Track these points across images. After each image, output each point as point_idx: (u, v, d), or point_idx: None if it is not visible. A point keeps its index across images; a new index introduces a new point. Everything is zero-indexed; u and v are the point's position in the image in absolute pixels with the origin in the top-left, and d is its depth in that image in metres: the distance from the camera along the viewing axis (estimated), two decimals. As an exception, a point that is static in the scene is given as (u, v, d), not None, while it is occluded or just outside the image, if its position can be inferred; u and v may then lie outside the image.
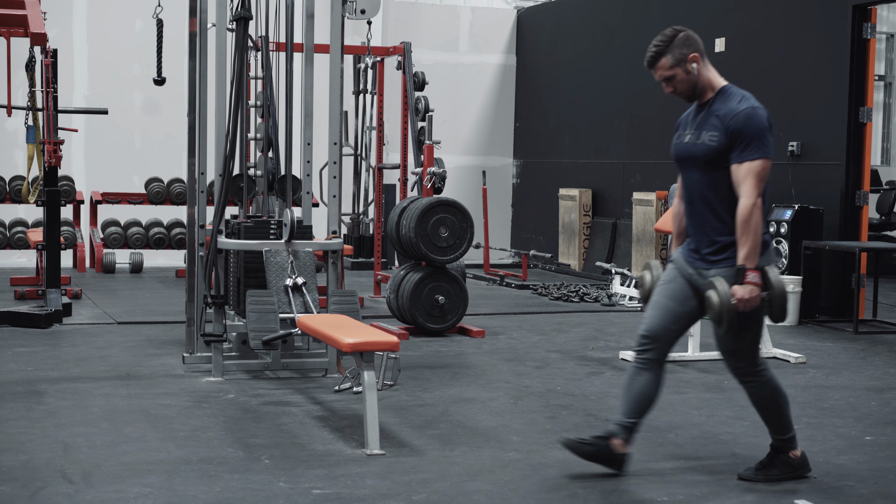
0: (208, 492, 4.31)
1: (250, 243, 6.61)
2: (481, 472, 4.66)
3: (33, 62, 9.00)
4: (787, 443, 4.58)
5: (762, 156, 4.24)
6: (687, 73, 4.38)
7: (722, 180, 4.32)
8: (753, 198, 4.22)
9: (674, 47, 4.37)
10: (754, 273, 4.24)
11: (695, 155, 4.39)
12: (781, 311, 4.31)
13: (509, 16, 14.96)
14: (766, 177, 4.27)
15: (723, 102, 4.35)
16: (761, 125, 4.26)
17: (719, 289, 4.26)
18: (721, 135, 4.29)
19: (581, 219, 12.99)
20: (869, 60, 9.49)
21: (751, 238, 4.22)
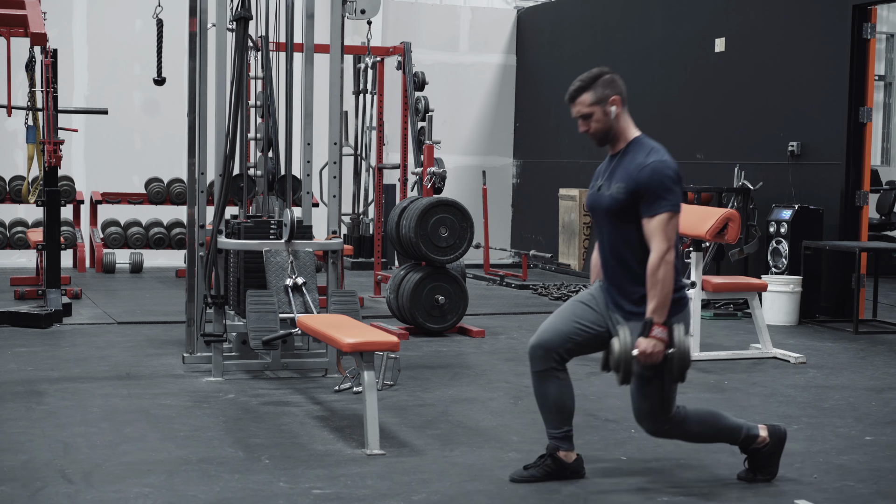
0: (208, 492, 4.31)
1: (250, 243, 6.61)
2: (481, 472, 4.66)
3: (33, 62, 9.00)
4: (749, 441, 4.52)
5: (669, 209, 4.19)
6: (605, 114, 4.34)
7: (632, 233, 4.29)
8: (661, 252, 4.17)
9: (597, 86, 4.34)
10: (660, 328, 4.17)
11: (604, 207, 4.36)
12: (681, 373, 4.22)
13: (509, 16, 14.96)
14: (675, 229, 4.22)
15: (633, 155, 4.31)
16: (668, 178, 4.21)
17: (622, 338, 4.21)
18: (628, 188, 4.25)
19: (581, 219, 12.99)
20: (869, 60, 9.49)
21: (659, 292, 4.17)
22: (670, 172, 4.22)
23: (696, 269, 7.48)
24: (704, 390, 6.50)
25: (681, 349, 4.19)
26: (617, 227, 4.33)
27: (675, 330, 4.21)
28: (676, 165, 4.28)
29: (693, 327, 7.39)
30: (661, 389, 4.29)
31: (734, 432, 4.50)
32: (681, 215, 4.33)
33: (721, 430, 4.49)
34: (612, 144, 4.41)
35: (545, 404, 4.53)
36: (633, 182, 4.24)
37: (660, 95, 12.11)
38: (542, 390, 4.51)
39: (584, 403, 6.06)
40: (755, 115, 10.60)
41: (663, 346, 4.17)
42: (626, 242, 4.31)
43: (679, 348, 4.19)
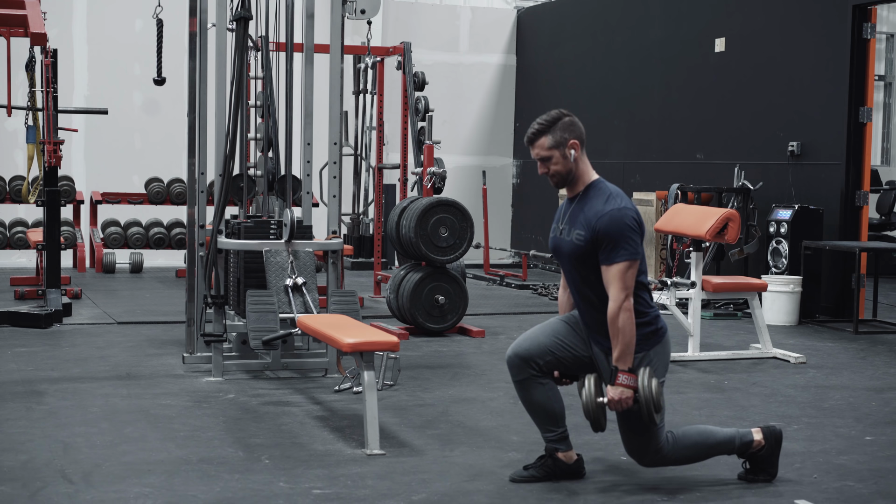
0: (208, 492, 4.31)
1: (250, 243, 6.61)
2: (481, 472, 4.66)
3: (33, 62, 9.00)
4: (745, 447, 4.52)
5: (628, 258, 4.20)
6: (564, 157, 4.34)
7: (593, 277, 4.31)
8: (620, 301, 4.19)
9: (556, 129, 4.33)
10: (626, 375, 4.20)
11: (566, 252, 4.38)
12: (650, 417, 4.23)
13: (509, 16, 14.96)
14: (634, 276, 4.23)
15: (591, 201, 4.32)
16: (626, 227, 4.22)
17: (587, 387, 4.27)
18: (587, 234, 4.27)
19: (581, 219, 12.96)
20: (869, 60, 9.50)
21: (621, 339, 4.19)
22: (629, 221, 4.23)
23: (696, 269, 7.48)
24: (704, 390, 6.50)
25: (647, 394, 4.20)
26: (580, 271, 4.36)
27: (641, 374, 4.23)
28: (635, 212, 4.28)
29: (693, 327, 7.39)
30: (643, 426, 4.31)
31: (727, 445, 4.51)
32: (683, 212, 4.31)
33: (713, 446, 4.50)
34: (570, 187, 4.43)
35: (533, 410, 4.52)
36: (591, 230, 4.26)
37: (660, 95, 12.11)
38: (527, 397, 4.50)
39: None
40: (755, 115, 10.61)
41: (631, 391, 4.21)
42: (590, 285, 4.34)
43: (645, 393, 4.20)
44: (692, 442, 4.47)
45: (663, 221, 7.91)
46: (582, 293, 4.38)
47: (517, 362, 4.46)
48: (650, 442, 4.37)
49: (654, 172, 12.00)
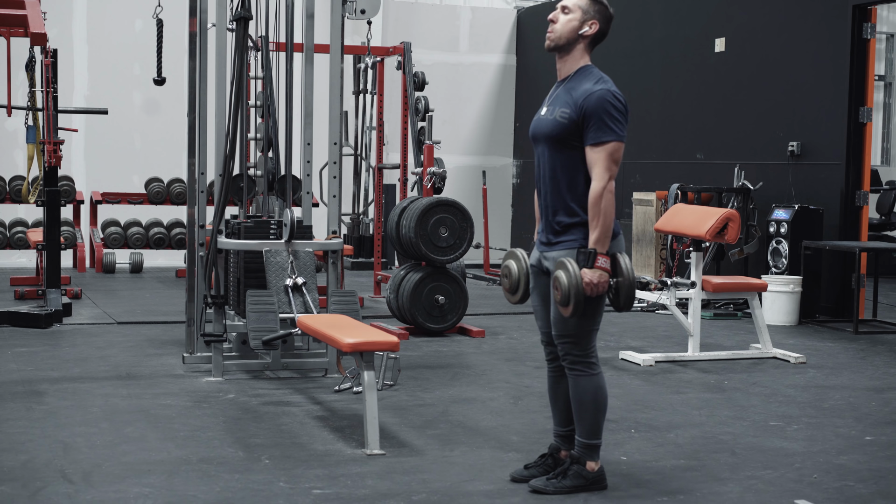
0: (208, 492, 4.31)
1: (250, 243, 6.61)
2: (481, 472, 4.66)
3: (33, 62, 9.00)
4: (590, 451, 4.35)
5: (615, 138, 4.13)
6: (580, 22, 4.28)
7: (570, 160, 4.22)
8: (605, 181, 4.13)
9: (597, 4, 4.34)
10: (604, 258, 4.14)
11: (545, 131, 4.27)
12: (628, 300, 4.24)
13: (509, 16, 14.96)
14: (619, 160, 4.16)
15: (580, 81, 4.23)
16: (615, 107, 4.14)
17: (570, 269, 4.14)
18: (573, 113, 4.17)
19: (581, 219, 12.97)
20: (869, 60, 9.50)
21: (602, 222, 4.13)
22: (617, 102, 4.16)
23: (696, 269, 7.48)
24: (704, 390, 6.50)
25: (627, 278, 4.20)
26: (556, 154, 4.25)
27: (619, 259, 4.21)
28: (624, 97, 4.22)
29: (693, 327, 7.39)
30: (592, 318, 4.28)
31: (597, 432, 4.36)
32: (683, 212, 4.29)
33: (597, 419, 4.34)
34: (562, 61, 4.32)
35: (556, 400, 4.52)
36: (578, 108, 4.16)
37: (660, 95, 12.11)
38: (556, 386, 4.51)
39: (584, 403, 6.06)
40: (755, 115, 10.61)
41: (608, 276, 4.15)
42: (562, 170, 4.25)
43: (625, 277, 4.20)
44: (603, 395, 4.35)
45: (663, 221, 7.91)
46: (554, 178, 4.27)
47: (550, 351, 4.48)
48: (591, 335, 4.30)
49: (654, 172, 12.00)
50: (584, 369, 4.32)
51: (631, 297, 4.25)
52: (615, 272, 4.21)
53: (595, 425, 4.34)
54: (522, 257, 4.44)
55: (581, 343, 4.31)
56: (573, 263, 4.14)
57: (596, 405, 4.32)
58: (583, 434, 4.36)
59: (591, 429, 4.35)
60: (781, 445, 5.20)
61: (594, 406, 4.32)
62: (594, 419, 4.34)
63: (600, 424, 4.36)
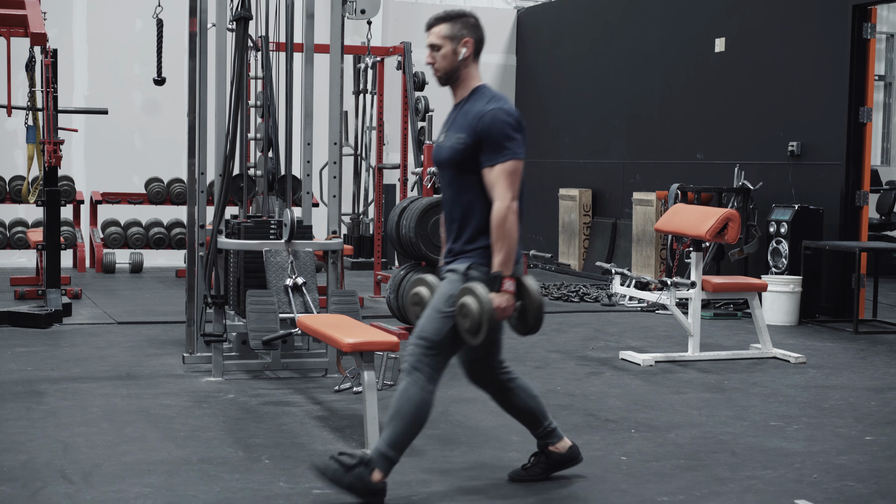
0: (208, 492, 4.31)
1: (250, 243, 6.61)
2: (481, 472, 4.66)
3: (33, 62, 9.00)
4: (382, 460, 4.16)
5: (511, 157, 4.04)
6: (454, 52, 4.21)
7: (471, 184, 4.12)
8: (507, 201, 4.02)
9: (458, 22, 4.22)
10: (510, 281, 4.03)
11: (444, 158, 4.20)
12: (537, 322, 4.14)
13: (509, 16, 14.97)
14: (519, 178, 4.07)
15: (473, 103, 4.18)
16: (509, 125, 4.07)
17: (480, 295, 3.98)
18: (468, 136, 4.10)
19: (581, 219, 12.99)
20: (869, 60, 9.50)
21: (506, 244, 4.02)
22: (511, 120, 4.09)
23: (696, 269, 7.48)
24: (704, 390, 6.50)
25: (535, 300, 4.12)
26: (457, 178, 4.17)
27: (524, 282, 4.12)
28: (518, 113, 4.15)
29: (693, 327, 7.39)
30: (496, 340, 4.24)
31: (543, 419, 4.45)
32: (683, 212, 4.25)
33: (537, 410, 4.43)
34: (454, 89, 4.27)
35: (514, 414, 4.51)
36: (472, 131, 4.09)
37: (660, 95, 12.11)
38: (506, 403, 4.49)
39: (584, 403, 6.06)
40: (755, 115, 10.61)
41: (513, 299, 4.06)
42: (465, 194, 4.15)
43: (533, 299, 4.12)
44: (529, 392, 4.42)
45: (663, 221, 7.91)
46: (456, 203, 4.17)
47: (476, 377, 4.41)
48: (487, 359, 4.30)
49: (654, 172, 12.00)
50: (422, 380, 4.14)
51: (540, 318, 4.13)
52: (521, 295, 4.12)
53: (402, 438, 4.15)
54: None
55: (438, 357, 4.16)
56: (482, 289, 4.00)
57: (413, 419, 4.13)
58: (385, 441, 4.15)
59: (395, 439, 4.14)
60: (781, 445, 5.20)
61: (411, 418, 4.13)
62: (404, 432, 4.14)
63: (407, 441, 4.17)
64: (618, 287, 7.85)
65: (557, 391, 6.36)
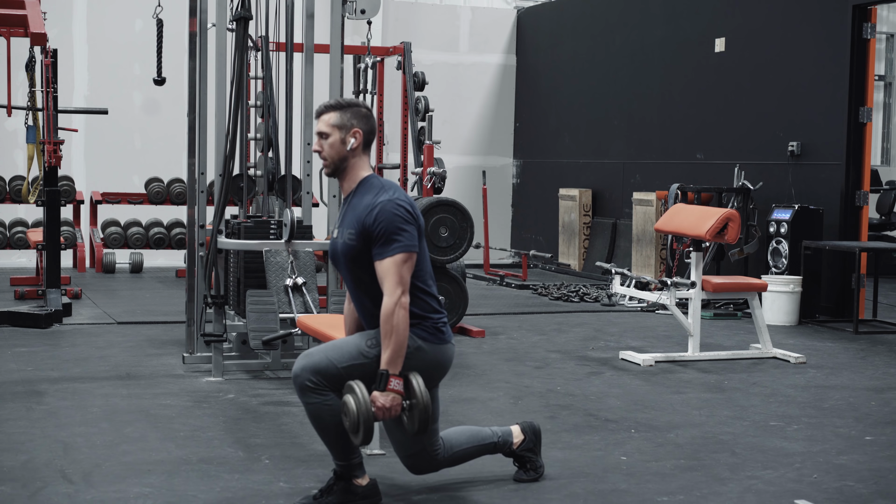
0: (208, 492, 4.31)
1: (250, 243, 6.61)
2: (481, 472, 4.66)
3: (33, 62, 9.00)
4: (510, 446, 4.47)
5: (402, 249, 3.93)
6: (342, 142, 4.09)
7: (369, 278, 4.03)
8: (395, 296, 3.89)
9: (349, 112, 4.11)
10: (397, 380, 3.90)
11: (338, 254, 4.11)
12: (423, 424, 3.96)
13: (509, 16, 14.97)
14: (410, 270, 3.96)
15: (361, 196, 4.07)
16: (399, 217, 3.96)
17: (358, 394, 3.87)
18: (357, 231, 4.00)
19: (581, 219, 12.99)
20: (869, 60, 9.50)
21: (394, 341, 3.88)
22: (401, 211, 3.98)
23: (696, 269, 7.48)
24: (704, 390, 6.50)
25: (420, 402, 3.94)
26: (354, 274, 4.09)
27: (412, 380, 3.96)
28: (410, 202, 4.04)
29: (693, 327, 7.39)
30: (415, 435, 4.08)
31: (491, 445, 4.44)
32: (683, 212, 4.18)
33: (481, 448, 4.41)
34: (342, 180, 4.17)
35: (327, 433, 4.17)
36: (361, 225, 3.99)
37: (660, 95, 12.11)
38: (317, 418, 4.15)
39: (584, 403, 6.06)
40: (755, 115, 10.61)
41: (400, 398, 3.93)
42: (364, 289, 4.08)
43: (418, 400, 3.94)
44: (462, 443, 4.35)
45: (663, 221, 7.91)
46: (359, 300, 4.12)
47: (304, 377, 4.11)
48: (424, 449, 4.23)
49: (654, 172, 12.00)
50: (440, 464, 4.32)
51: (425, 420, 3.95)
52: (408, 394, 3.96)
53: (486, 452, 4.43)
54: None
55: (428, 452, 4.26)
56: (362, 388, 3.90)
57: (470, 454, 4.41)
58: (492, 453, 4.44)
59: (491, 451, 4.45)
60: (781, 445, 5.20)
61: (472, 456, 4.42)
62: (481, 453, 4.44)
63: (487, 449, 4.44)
64: (618, 287, 7.85)
65: (557, 391, 6.36)
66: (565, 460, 4.84)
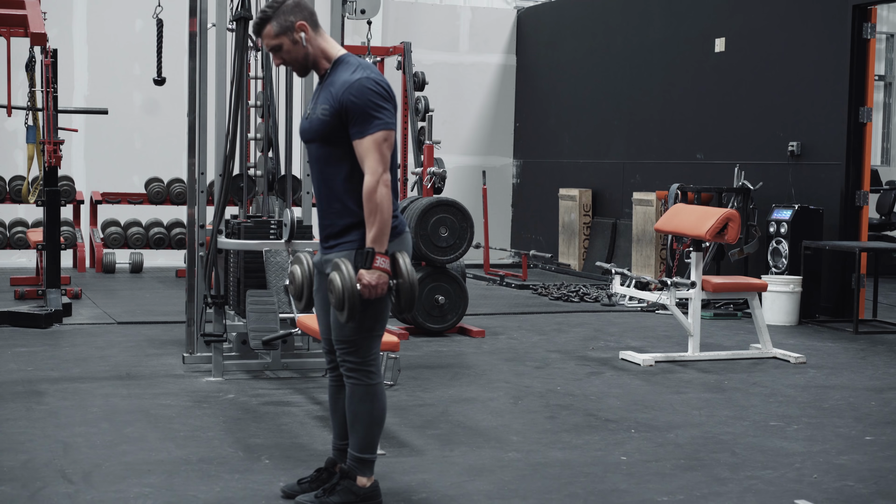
0: (208, 492, 4.32)
1: (250, 243, 6.61)
2: (481, 472, 4.66)
3: (33, 62, 9.00)
4: (362, 466, 4.09)
5: (382, 126, 3.84)
6: (294, 42, 3.99)
7: (339, 158, 3.93)
8: (377, 174, 3.81)
9: (280, 14, 3.98)
10: (383, 258, 3.83)
11: (310, 130, 3.99)
12: (409, 303, 3.92)
13: (509, 16, 14.97)
14: (390, 149, 3.88)
15: (338, 74, 3.96)
16: (377, 94, 3.86)
17: (343, 271, 3.83)
18: (333, 108, 3.89)
19: (581, 219, 12.99)
20: (869, 60, 9.50)
21: (378, 219, 3.81)
22: (379, 88, 3.88)
23: (696, 269, 7.48)
24: (704, 390, 6.50)
25: (407, 280, 3.89)
26: (325, 152, 3.97)
27: (399, 259, 3.90)
28: (386, 82, 3.95)
29: (693, 327, 7.39)
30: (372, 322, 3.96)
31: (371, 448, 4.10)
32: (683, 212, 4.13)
33: (372, 433, 4.07)
34: (317, 69, 4.05)
35: (335, 411, 4.23)
36: (338, 102, 3.88)
37: (660, 95, 12.11)
38: (336, 396, 4.22)
39: (584, 403, 6.06)
40: (755, 115, 10.61)
41: (388, 276, 3.85)
42: (332, 168, 3.96)
43: (405, 278, 3.89)
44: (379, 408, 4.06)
45: (663, 221, 7.91)
46: (325, 178, 3.98)
47: (331, 360, 4.15)
48: (371, 342, 4.01)
49: (654, 172, 12.00)
50: (361, 378, 4.03)
51: (411, 299, 3.92)
52: (395, 273, 3.90)
53: (369, 438, 4.06)
54: (307, 262, 4.08)
55: (360, 350, 4.01)
56: (348, 265, 3.85)
57: (371, 417, 4.04)
58: (355, 447, 4.07)
59: (364, 442, 4.06)
60: (781, 445, 5.20)
61: (369, 418, 4.04)
62: (368, 432, 4.05)
63: (375, 438, 4.08)
64: (618, 287, 7.85)
65: (557, 391, 6.37)
66: (565, 460, 4.84)
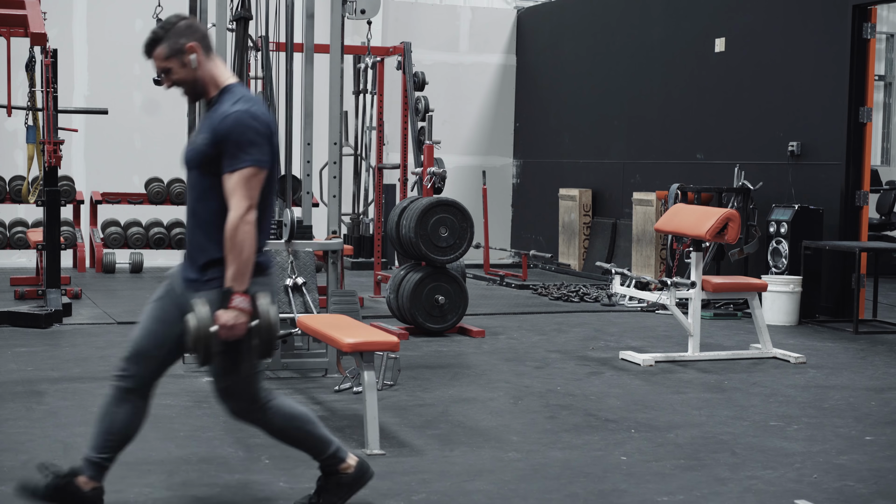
0: (208, 492, 4.31)
1: (250, 243, 6.60)
2: (481, 472, 4.66)
3: (33, 62, 9.00)
4: (333, 461, 4.04)
5: (251, 163, 3.70)
6: (184, 65, 3.84)
7: (212, 190, 3.78)
8: (241, 211, 3.68)
9: (171, 36, 3.83)
10: (242, 297, 3.67)
11: (187, 159, 3.86)
12: (268, 346, 3.76)
13: (509, 16, 14.97)
14: (259, 186, 3.75)
15: (221, 103, 3.82)
16: (251, 129, 3.72)
17: (198, 312, 3.68)
18: (210, 139, 3.75)
19: (581, 219, 12.99)
20: (869, 60, 9.50)
21: (238, 257, 3.67)
22: (255, 123, 3.74)
23: (696, 269, 7.48)
24: (704, 390, 6.50)
25: (265, 320, 3.73)
26: (199, 183, 3.83)
27: (258, 298, 3.75)
28: (267, 116, 3.82)
29: (693, 327, 7.39)
30: (247, 365, 3.79)
31: (322, 445, 4.03)
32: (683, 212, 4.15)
33: (308, 436, 4.01)
34: (206, 95, 3.91)
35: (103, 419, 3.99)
36: (214, 132, 3.74)
37: (660, 95, 12.11)
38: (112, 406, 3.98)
39: (584, 403, 6.06)
40: (755, 115, 10.61)
41: (246, 317, 3.69)
42: (204, 201, 3.82)
43: (264, 319, 3.73)
44: (291, 416, 3.99)
45: (663, 221, 7.91)
46: (195, 211, 3.85)
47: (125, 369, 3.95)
48: (250, 384, 3.86)
49: (654, 172, 12.00)
50: (263, 416, 3.94)
51: (269, 342, 3.76)
52: (255, 313, 3.72)
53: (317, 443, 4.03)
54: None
55: (243, 396, 3.88)
56: (205, 306, 3.70)
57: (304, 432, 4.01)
58: (316, 455, 4.06)
59: (318, 447, 4.03)
60: (781, 445, 5.20)
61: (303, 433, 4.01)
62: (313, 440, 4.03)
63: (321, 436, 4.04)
64: (618, 287, 7.85)
65: (557, 391, 6.37)
66: (565, 460, 4.84)
